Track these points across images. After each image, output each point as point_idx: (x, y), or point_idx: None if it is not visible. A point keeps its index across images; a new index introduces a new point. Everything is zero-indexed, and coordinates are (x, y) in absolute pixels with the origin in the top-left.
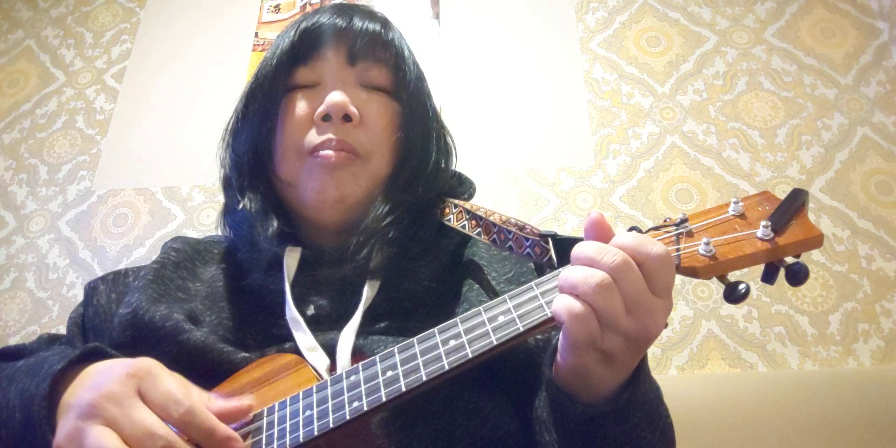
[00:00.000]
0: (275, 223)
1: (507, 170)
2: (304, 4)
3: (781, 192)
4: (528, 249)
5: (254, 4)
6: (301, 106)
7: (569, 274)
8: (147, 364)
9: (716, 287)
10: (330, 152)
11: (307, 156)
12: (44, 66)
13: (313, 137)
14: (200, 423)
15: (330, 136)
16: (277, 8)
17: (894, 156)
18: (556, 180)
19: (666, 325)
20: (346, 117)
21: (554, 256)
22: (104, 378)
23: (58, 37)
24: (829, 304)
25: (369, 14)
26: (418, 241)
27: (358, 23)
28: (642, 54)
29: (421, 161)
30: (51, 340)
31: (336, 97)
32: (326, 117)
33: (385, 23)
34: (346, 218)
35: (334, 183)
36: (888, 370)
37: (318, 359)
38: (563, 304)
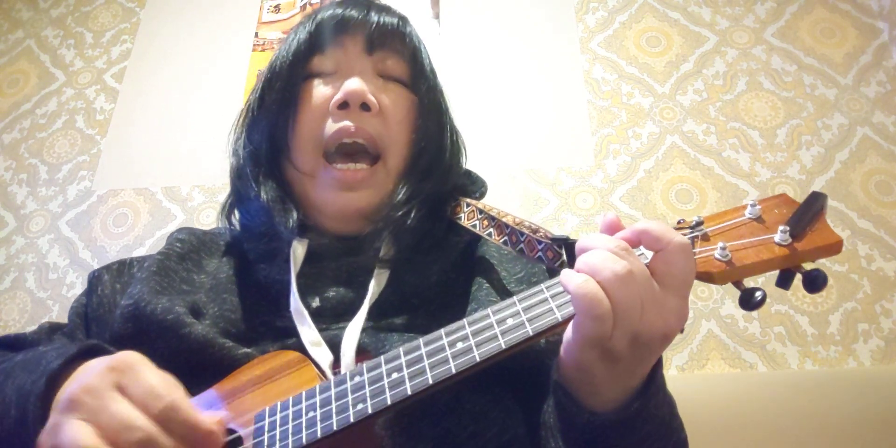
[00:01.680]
0: (294, 214)
1: (507, 170)
2: (305, 4)
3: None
4: (541, 253)
5: (254, 4)
6: (318, 93)
7: (589, 258)
8: (129, 358)
9: (716, 287)
10: (348, 171)
11: (322, 157)
12: (44, 66)
13: (330, 127)
14: (182, 418)
15: (347, 123)
16: (277, 8)
17: (894, 156)
18: (556, 180)
19: (682, 331)
20: (365, 106)
21: (566, 261)
22: (86, 373)
23: (58, 37)
24: (829, 304)
25: (386, 8)
26: (429, 236)
27: (375, 15)
28: (642, 54)
29: (436, 154)
30: (52, 330)
31: (354, 84)
32: (344, 105)
33: (402, 17)
34: (359, 218)
35: (354, 198)
36: (888, 370)
37: (322, 354)
38: (580, 283)
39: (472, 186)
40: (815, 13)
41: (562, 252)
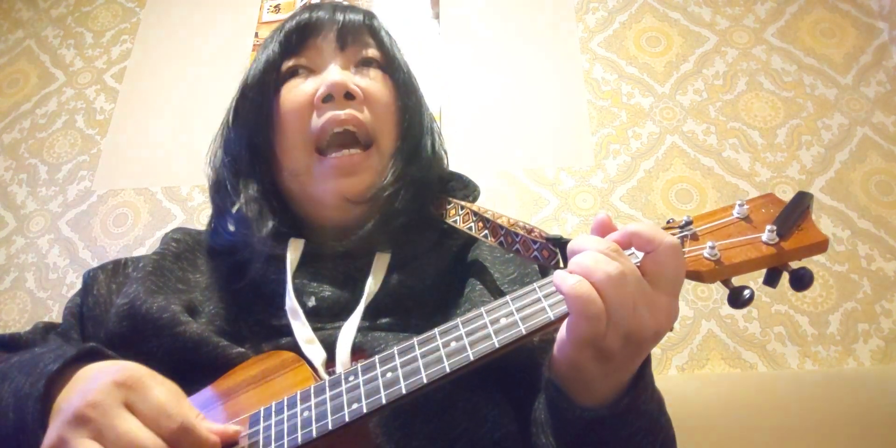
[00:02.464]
0: (270, 223)
1: (507, 170)
2: (304, 4)
3: (782, 193)
4: (536, 253)
5: (254, 4)
6: (298, 92)
7: (581, 259)
8: (136, 372)
9: (716, 287)
10: (343, 155)
11: (315, 152)
12: (44, 66)
13: (318, 121)
14: (193, 439)
15: (336, 114)
16: (277, 8)
17: (894, 156)
18: (556, 180)
19: (671, 329)
20: (349, 95)
21: (561, 261)
22: (91, 385)
23: (58, 37)
24: (829, 304)
25: (351, 7)
26: (424, 239)
27: (340, 15)
28: (642, 54)
29: (420, 133)
30: (46, 330)
31: (336, 76)
32: (328, 98)
33: (368, 13)
34: (355, 207)
35: (355, 182)
36: (888, 370)
37: (315, 352)
38: (574, 284)
39: (465, 190)
40: (815, 13)
41: (556, 251)
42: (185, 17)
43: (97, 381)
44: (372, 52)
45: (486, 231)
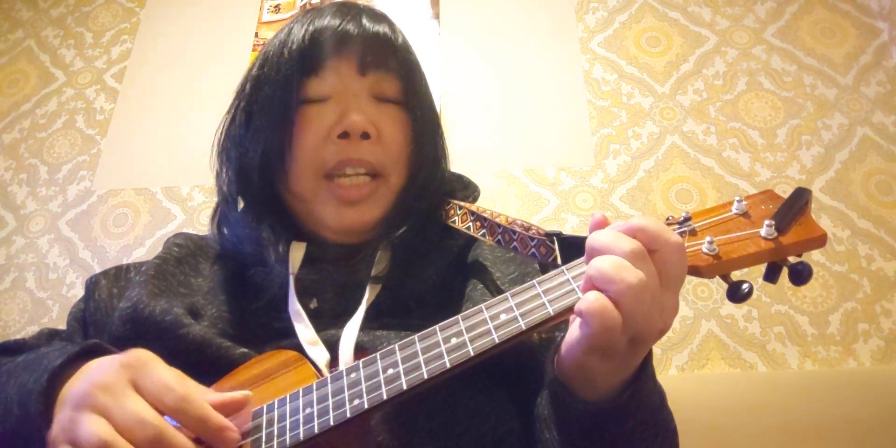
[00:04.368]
0: (274, 227)
1: (507, 170)
2: (304, 4)
3: (782, 193)
4: (534, 249)
5: (254, 4)
6: (316, 121)
7: (603, 265)
8: (141, 354)
9: (716, 287)
10: (351, 183)
11: (323, 178)
12: (44, 66)
13: (331, 156)
14: (194, 410)
15: (348, 155)
16: (277, 8)
17: (894, 156)
18: (556, 180)
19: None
20: (365, 134)
21: (559, 256)
22: (98, 370)
23: (58, 37)
24: (829, 304)
25: (376, 16)
26: (424, 241)
27: (367, 26)
28: (642, 54)
29: (432, 170)
30: (51, 336)
31: (354, 115)
32: (344, 135)
33: (391, 25)
34: (362, 233)
35: (358, 214)
36: (888, 370)
37: (319, 353)
38: (592, 301)
39: (465, 191)
40: (815, 13)
41: (554, 247)
42: (185, 17)
43: (104, 365)
44: (393, 84)
45: (484, 230)
